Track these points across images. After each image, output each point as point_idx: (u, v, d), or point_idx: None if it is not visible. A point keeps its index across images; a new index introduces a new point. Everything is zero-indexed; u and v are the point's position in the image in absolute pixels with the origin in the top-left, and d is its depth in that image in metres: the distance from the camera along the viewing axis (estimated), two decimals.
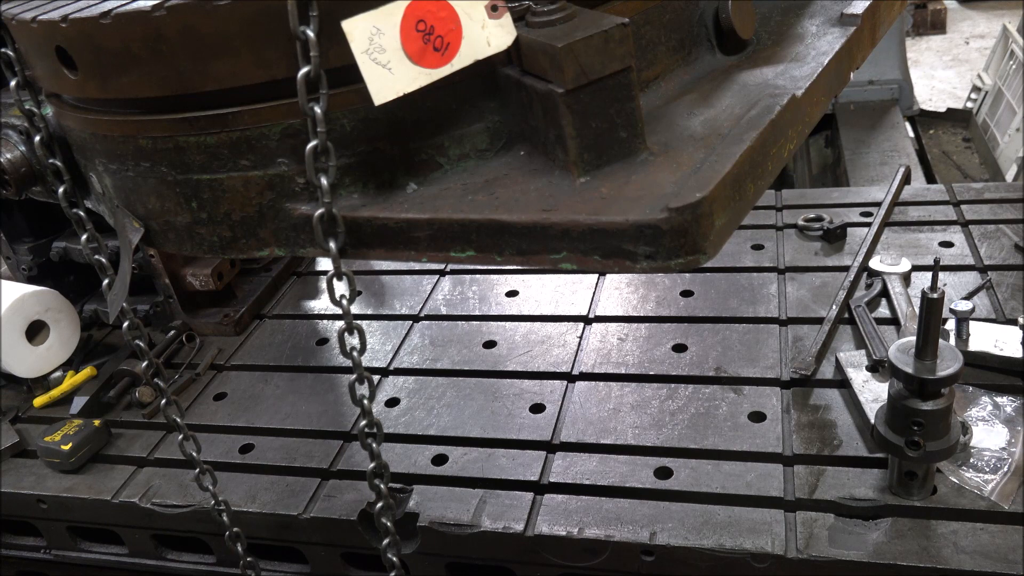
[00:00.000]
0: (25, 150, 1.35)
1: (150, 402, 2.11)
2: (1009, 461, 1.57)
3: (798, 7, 1.31)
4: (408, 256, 1.02)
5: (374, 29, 0.91)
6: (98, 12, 1.00)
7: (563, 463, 1.75)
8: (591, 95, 0.92)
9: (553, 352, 2.09)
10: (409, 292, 2.45)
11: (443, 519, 1.66)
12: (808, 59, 1.14)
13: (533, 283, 2.39)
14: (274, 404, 2.08)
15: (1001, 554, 1.42)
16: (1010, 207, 2.35)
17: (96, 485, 1.92)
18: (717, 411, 1.81)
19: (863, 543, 1.48)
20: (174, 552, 1.96)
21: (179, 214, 1.14)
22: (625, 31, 0.91)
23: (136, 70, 1.03)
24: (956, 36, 8.57)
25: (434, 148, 1.05)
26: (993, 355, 1.77)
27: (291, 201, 1.08)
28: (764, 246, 2.37)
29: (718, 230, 0.87)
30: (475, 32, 0.95)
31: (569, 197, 0.94)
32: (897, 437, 1.47)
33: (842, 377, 1.83)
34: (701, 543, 1.53)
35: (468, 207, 0.98)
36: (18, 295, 2.19)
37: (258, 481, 1.86)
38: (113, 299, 1.36)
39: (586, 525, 1.60)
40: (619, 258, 0.89)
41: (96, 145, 1.17)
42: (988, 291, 2.03)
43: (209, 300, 2.44)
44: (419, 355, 2.17)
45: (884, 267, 2.13)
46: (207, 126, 1.04)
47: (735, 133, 0.94)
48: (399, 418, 1.95)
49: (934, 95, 7.19)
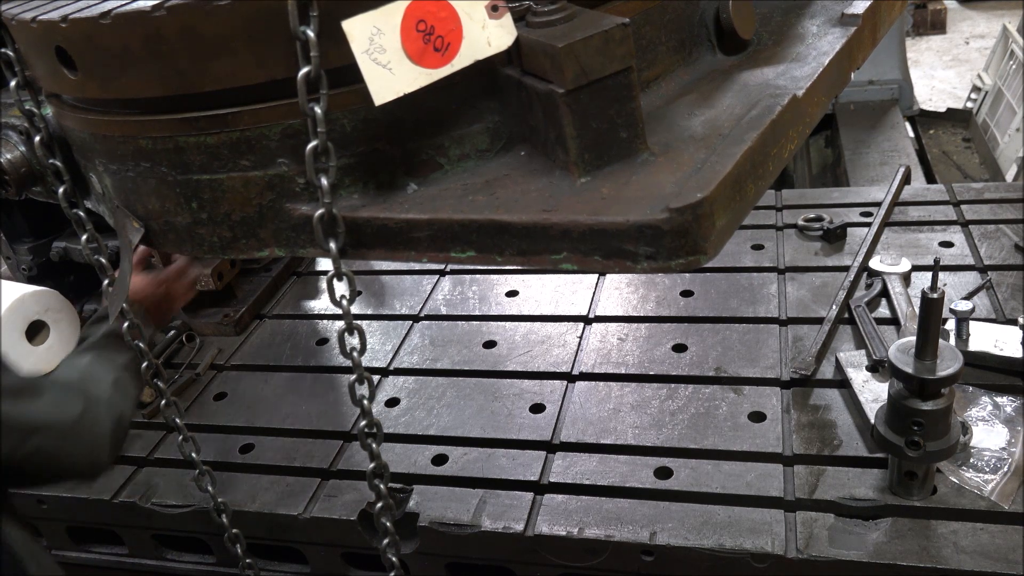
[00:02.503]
0: (25, 150, 1.36)
1: (150, 402, 2.11)
2: (1009, 461, 1.57)
3: (799, 7, 1.30)
4: (408, 256, 1.02)
5: (374, 29, 0.91)
6: (98, 12, 1.00)
7: (563, 463, 1.75)
8: (591, 95, 0.92)
9: (553, 352, 2.09)
10: (409, 292, 2.45)
11: (443, 519, 1.66)
12: (809, 59, 1.14)
13: (533, 283, 2.39)
14: (274, 404, 2.08)
15: (1001, 554, 1.42)
16: (1010, 207, 2.35)
17: (96, 485, 1.92)
18: (717, 411, 1.81)
19: (863, 543, 1.48)
20: (174, 552, 1.96)
21: (179, 214, 1.14)
22: (625, 31, 0.91)
23: (136, 70, 1.03)
24: (956, 36, 8.56)
25: (434, 148, 1.05)
26: (993, 355, 1.77)
27: (291, 201, 1.08)
28: (764, 246, 2.37)
29: (719, 230, 0.87)
30: (475, 32, 0.95)
31: (569, 197, 0.94)
32: (897, 437, 1.47)
33: (842, 377, 1.83)
34: (701, 543, 1.52)
35: (468, 207, 0.98)
36: (18, 295, 2.18)
37: (258, 481, 1.85)
38: (113, 299, 1.36)
39: (586, 525, 1.60)
40: (620, 258, 0.89)
41: (96, 145, 1.17)
42: (988, 291, 2.03)
43: (209, 300, 2.44)
44: (419, 355, 2.17)
45: (884, 267, 2.13)
46: (207, 126, 1.04)
47: (736, 133, 0.94)
48: (399, 418, 1.95)
49: (934, 95, 7.19)
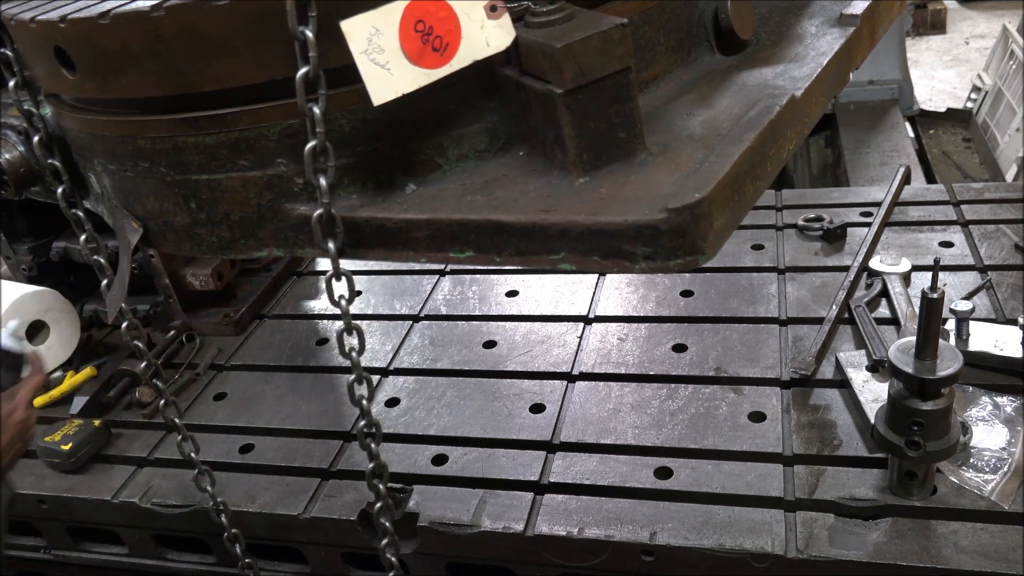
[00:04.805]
0: (24, 150, 1.35)
1: (150, 402, 2.11)
2: (1009, 461, 1.57)
3: (797, 7, 1.30)
4: (407, 256, 1.02)
5: (373, 29, 0.91)
6: (97, 12, 1.00)
7: (563, 463, 1.75)
8: (590, 95, 0.92)
9: (553, 352, 2.09)
10: (409, 292, 2.45)
11: (443, 519, 1.66)
12: (807, 59, 1.14)
13: (533, 283, 2.39)
14: (274, 404, 2.08)
15: (1001, 554, 1.42)
16: (1010, 207, 2.35)
17: (96, 485, 1.92)
18: (717, 411, 1.81)
19: (863, 543, 1.48)
20: (174, 552, 1.96)
21: (178, 214, 1.14)
22: (624, 31, 0.91)
23: (135, 70, 1.02)
24: (956, 36, 8.56)
25: (433, 148, 1.04)
26: (993, 355, 1.77)
27: (290, 201, 1.08)
28: (764, 246, 2.37)
29: (717, 231, 0.87)
30: (474, 32, 0.95)
31: (568, 197, 0.94)
32: (897, 437, 1.47)
33: (842, 377, 1.83)
34: (701, 543, 1.52)
35: (467, 207, 0.98)
36: (18, 295, 2.19)
37: (258, 481, 1.85)
38: (112, 299, 1.36)
39: (586, 525, 1.60)
40: (618, 258, 0.89)
41: (95, 145, 1.17)
42: (988, 291, 2.03)
43: (209, 300, 2.44)
44: (419, 355, 2.17)
45: (884, 267, 2.13)
46: (206, 126, 1.04)
47: (734, 133, 0.94)
48: (399, 418, 1.95)
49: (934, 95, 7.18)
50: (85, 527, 1.99)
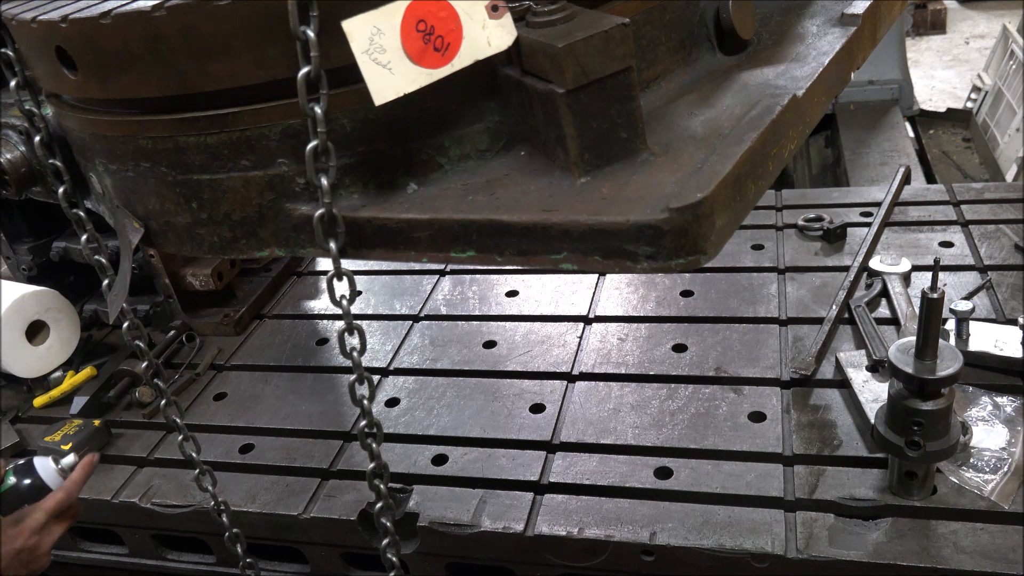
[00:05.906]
0: (25, 150, 1.35)
1: (150, 402, 2.11)
2: (1009, 461, 1.57)
3: (798, 7, 1.30)
4: (408, 256, 1.02)
5: (374, 29, 0.91)
6: (98, 12, 1.00)
7: (563, 463, 1.75)
8: (591, 95, 0.92)
9: (553, 352, 2.09)
10: (409, 292, 2.45)
11: (443, 519, 1.66)
12: (809, 59, 1.14)
13: (533, 283, 2.39)
14: (274, 404, 2.08)
15: (1001, 554, 1.42)
16: (1010, 207, 2.35)
17: (96, 485, 1.92)
18: (717, 411, 1.81)
19: (863, 543, 1.48)
20: (174, 552, 1.96)
21: (179, 214, 1.14)
22: (625, 31, 0.91)
23: (136, 70, 1.02)
24: (956, 36, 8.56)
25: (434, 148, 1.04)
26: (993, 355, 1.77)
27: (291, 201, 1.08)
28: (764, 246, 2.37)
29: (719, 230, 0.87)
30: (475, 32, 0.95)
31: (569, 197, 0.94)
32: (897, 437, 1.47)
33: (842, 377, 1.83)
34: (701, 543, 1.53)
35: (468, 207, 0.98)
36: (18, 295, 2.19)
37: (258, 481, 1.85)
38: (113, 299, 1.36)
39: (586, 525, 1.60)
40: (620, 258, 0.89)
41: (96, 145, 1.17)
42: (988, 291, 2.03)
43: (209, 300, 2.44)
44: (419, 355, 2.17)
45: (884, 267, 2.13)
46: (207, 126, 1.04)
47: (736, 133, 0.94)
48: (399, 418, 1.95)
49: (934, 95, 7.18)
50: (85, 527, 1.99)
